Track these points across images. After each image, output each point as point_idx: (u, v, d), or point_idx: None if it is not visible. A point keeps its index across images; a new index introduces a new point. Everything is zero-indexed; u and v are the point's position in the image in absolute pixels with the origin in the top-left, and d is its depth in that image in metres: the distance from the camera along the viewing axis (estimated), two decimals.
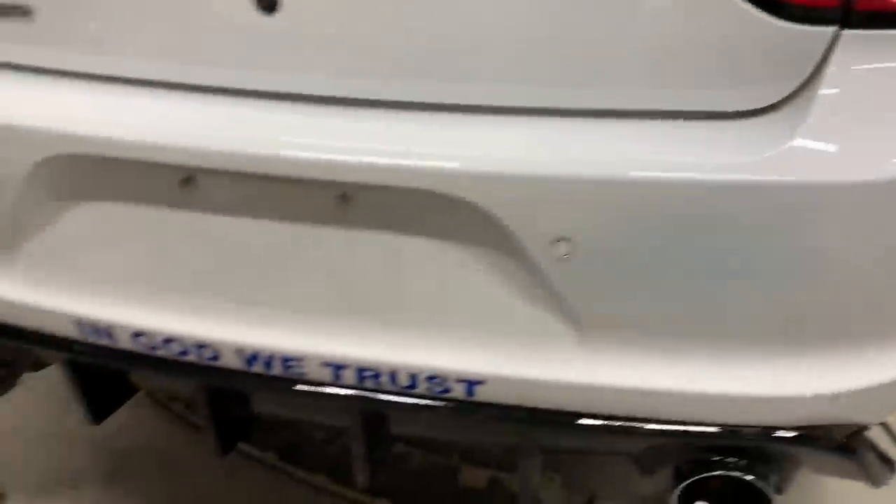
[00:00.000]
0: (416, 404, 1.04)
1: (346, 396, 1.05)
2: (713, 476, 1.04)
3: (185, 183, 1.00)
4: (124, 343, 1.10)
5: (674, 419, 0.99)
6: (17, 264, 1.11)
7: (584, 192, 0.86)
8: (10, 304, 1.12)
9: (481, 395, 1.01)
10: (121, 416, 2.03)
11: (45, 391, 2.05)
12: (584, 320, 0.95)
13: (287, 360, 1.05)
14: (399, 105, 0.94)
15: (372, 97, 0.94)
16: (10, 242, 1.10)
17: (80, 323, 1.10)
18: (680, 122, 0.87)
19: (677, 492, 1.07)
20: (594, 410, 1.00)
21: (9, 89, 1.03)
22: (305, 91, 0.96)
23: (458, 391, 1.02)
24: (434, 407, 1.04)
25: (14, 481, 1.86)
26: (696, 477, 1.04)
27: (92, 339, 1.11)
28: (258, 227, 1.00)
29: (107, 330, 1.09)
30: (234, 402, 1.19)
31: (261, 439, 1.91)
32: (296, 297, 1.02)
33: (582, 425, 1.01)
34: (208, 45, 0.97)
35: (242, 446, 1.93)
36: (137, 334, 1.08)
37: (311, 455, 1.90)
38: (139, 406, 2.03)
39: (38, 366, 1.35)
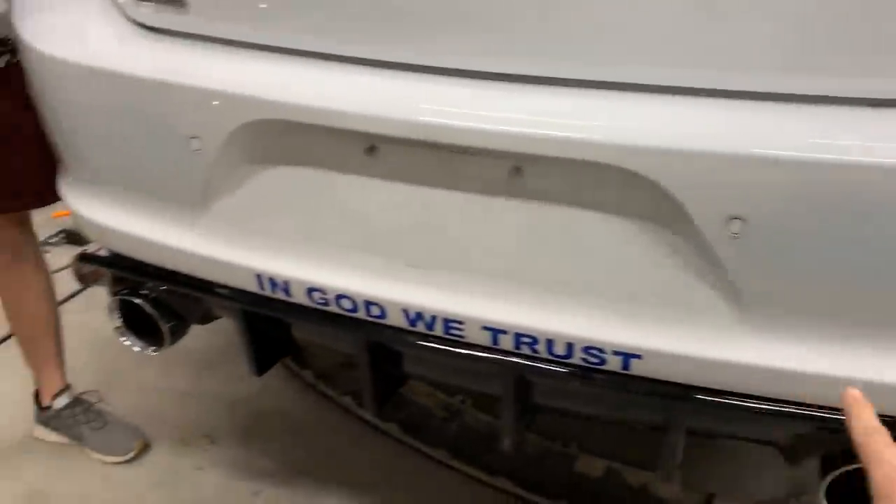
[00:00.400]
0: (570, 374, 1.08)
1: (501, 361, 1.11)
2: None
3: (369, 151, 1.08)
4: (299, 297, 1.19)
5: (829, 405, 1.00)
6: (206, 221, 1.22)
7: (763, 172, 0.88)
8: (198, 258, 1.23)
9: (636, 368, 1.05)
10: (254, 382, 2.17)
11: (184, 354, 2.21)
12: (748, 300, 0.97)
13: (449, 322, 1.11)
14: (576, 82, 0.98)
15: (549, 75, 0.99)
16: (201, 201, 1.21)
17: (259, 277, 1.20)
18: (863, 109, 0.88)
19: (825, 483, 1.07)
20: (749, 391, 1.01)
21: (217, 61, 1.14)
22: (487, 68, 1.02)
23: (614, 364, 1.05)
24: (586, 378, 1.08)
25: (158, 434, 2.01)
26: (847, 468, 1.04)
27: (269, 292, 1.21)
28: (434, 196, 1.07)
29: (284, 284, 1.18)
30: (389, 362, 1.26)
31: (384, 411, 1.99)
32: (464, 262, 1.08)
33: (735, 405, 1.03)
34: (397, 23, 1.04)
35: (367, 418, 2.03)
36: (312, 290, 1.17)
37: (432, 430, 1.97)
38: (271, 374, 2.16)
39: (206, 319, 1.46)
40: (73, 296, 2.55)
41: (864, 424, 0.53)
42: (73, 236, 2.81)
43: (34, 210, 1.77)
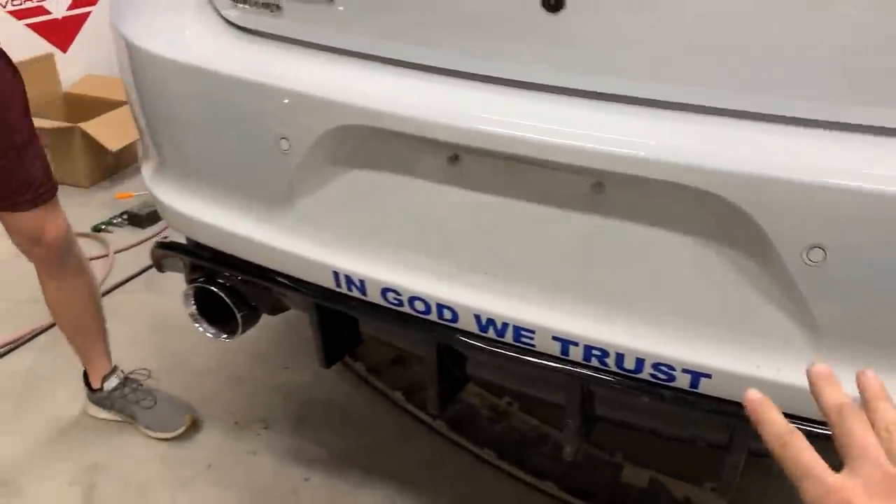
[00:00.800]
0: (637, 388, 1.11)
1: (571, 372, 1.13)
2: None
3: (452, 160, 1.11)
4: (373, 296, 1.23)
5: None
6: (289, 219, 1.26)
7: (848, 204, 0.90)
8: (279, 252, 1.28)
9: (704, 387, 1.07)
10: (306, 372, 2.23)
11: (239, 341, 2.26)
12: (823, 327, 0.98)
13: (520, 330, 1.14)
14: (664, 104, 1.00)
15: (639, 96, 1.02)
16: (285, 198, 1.25)
17: (336, 274, 1.24)
18: None
19: None
20: (819, 417, 1.02)
21: (309, 65, 1.18)
22: (575, 85, 1.05)
23: (682, 381, 1.07)
24: (653, 394, 1.10)
25: (214, 417, 2.07)
26: None
27: (345, 290, 1.25)
28: (514, 207, 1.10)
29: (360, 283, 1.22)
30: (455, 364, 1.30)
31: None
32: (540, 273, 1.11)
33: (805, 431, 1.04)
34: (491, 38, 1.07)
35: (416, 413, 2.07)
36: (387, 290, 1.21)
37: (479, 430, 2.00)
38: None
39: (276, 310, 1.51)
40: (133, 277, 2.63)
41: (777, 430, 0.51)
42: (135, 218, 2.90)
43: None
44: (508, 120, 1.05)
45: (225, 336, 1.49)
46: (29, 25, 3.29)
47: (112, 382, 1.99)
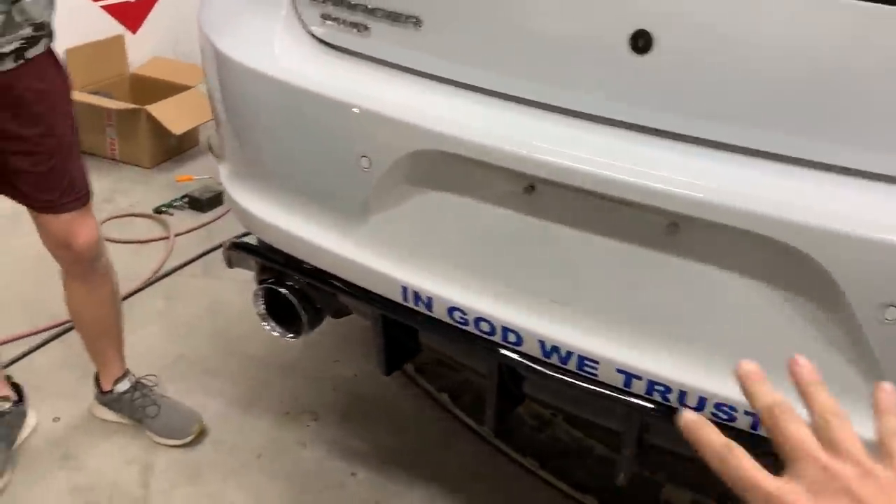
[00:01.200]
0: None
1: (630, 403, 1.16)
2: None
3: (528, 190, 1.14)
4: (438, 313, 1.26)
5: None
6: (363, 232, 1.30)
7: None
8: (351, 263, 1.32)
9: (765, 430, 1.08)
10: (355, 366, 2.28)
11: None
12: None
13: (584, 359, 1.16)
14: (746, 151, 1.02)
15: (721, 140, 1.03)
16: (360, 213, 1.29)
17: (405, 289, 1.27)
18: None
19: None
20: None
21: (393, 86, 1.21)
22: (660, 126, 1.06)
23: (743, 422, 1.09)
24: None
25: (263, 403, 2.13)
26: None
27: (411, 304, 1.28)
28: (587, 239, 1.12)
29: (427, 299, 1.26)
30: (513, 381, 1.33)
31: (478, 414, 2.06)
32: (609, 306, 1.13)
33: None
34: (577, 73, 1.09)
35: (461, 416, 2.11)
36: (454, 309, 1.24)
37: (523, 438, 2.03)
38: (372, 362, 2.26)
39: (339, 314, 1.56)
40: (192, 260, 2.70)
41: (714, 448, 0.48)
42: (195, 202, 2.97)
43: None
44: (588, 156, 1.07)
45: (290, 336, 1.54)
46: (103, 7, 3.38)
47: (123, 386, 1.99)
